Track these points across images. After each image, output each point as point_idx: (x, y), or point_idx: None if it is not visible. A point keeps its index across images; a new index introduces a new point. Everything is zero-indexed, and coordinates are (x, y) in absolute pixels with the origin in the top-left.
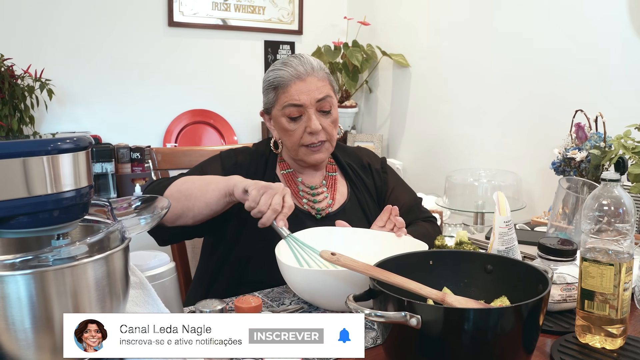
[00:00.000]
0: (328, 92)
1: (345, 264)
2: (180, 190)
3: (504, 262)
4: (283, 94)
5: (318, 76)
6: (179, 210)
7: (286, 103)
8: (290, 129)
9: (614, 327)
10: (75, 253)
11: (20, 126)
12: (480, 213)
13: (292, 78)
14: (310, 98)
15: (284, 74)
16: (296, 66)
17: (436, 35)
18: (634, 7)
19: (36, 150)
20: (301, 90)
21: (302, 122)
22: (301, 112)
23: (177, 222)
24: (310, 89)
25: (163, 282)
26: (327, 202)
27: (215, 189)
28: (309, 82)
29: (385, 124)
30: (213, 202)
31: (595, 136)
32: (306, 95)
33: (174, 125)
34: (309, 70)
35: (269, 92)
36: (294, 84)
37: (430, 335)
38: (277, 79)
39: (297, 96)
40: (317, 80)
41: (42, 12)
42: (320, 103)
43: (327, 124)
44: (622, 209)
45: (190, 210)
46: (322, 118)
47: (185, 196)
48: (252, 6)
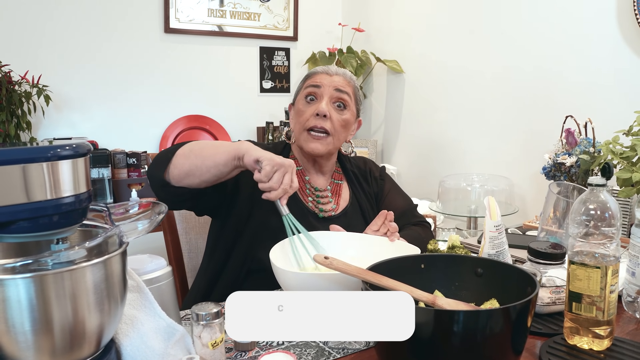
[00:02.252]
0: (348, 90)
1: (338, 268)
2: (192, 149)
3: (494, 265)
4: (309, 79)
5: (345, 77)
6: (187, 167)
7: (308, 84)
8: (302, 109)
9: (601, 329)
10: (74, 257)
11: (18, 132)
12: (473, 217)
13: (322, 71)
14: (330, 84)
15: (318, 69)
16: (330, 67)
17: (430, 42)
18: (622, 15)
19: (36, 156)
20: (324, 78)
21: (315, 104)
22: (317, 94)
23: (184, 181)
24: (333, 80)
25: (160, 286)
26: (331, 206)
27: (226, 151)
28: (334, 77)
29: (380, 129)
30: (221, 163)
31: (585, 142)
32: (327, 81)
33: (170, 131)
34: (340, 72)
35: (300, 83)
36: (321, 75)
37: (421, 337)
38: (310, 72)
39: (319, 80)
40: (343, 79)
41: (39, 18)
42: (338, 94)
43: (337, 119)
44: (608, 213)
45: (198, 168)
46: (333, 110)
47: (195, 154)
48: (247, 13)
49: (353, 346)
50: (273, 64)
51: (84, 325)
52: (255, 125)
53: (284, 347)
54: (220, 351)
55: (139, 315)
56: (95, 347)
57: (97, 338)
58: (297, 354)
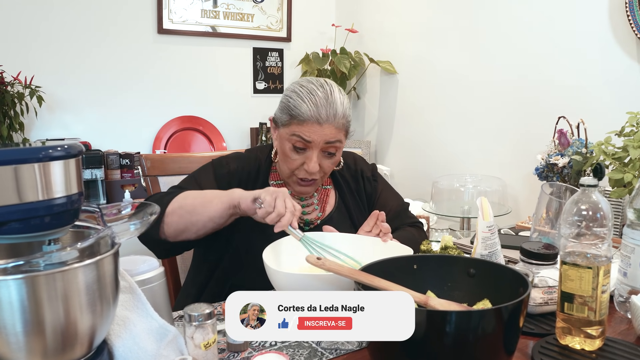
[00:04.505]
0: (340, 138)
1: (331, 269)
2: (182, 206)
3: (486, 266)
4: (296, 125)
5: (337, 125)
6: (183, 225)
7: (296, 133)
8: (290, 157)
9: (593, 329)
10: (66, 258)
11: (10, 133)
12: (466, 218)
13: (311, 118)
14: (321, 140)
15: (305, 111)
16: (320, 107)
17: (423, 43)
18: (615, 16)
19: (28, 157)
20: (314, 131)
21: (303, 155)
22: (307, 146)
23: (180, 237)
24: (324, 133)
25: (152, 287)
26: (317, 214)
27: (219, 202)
28: (325, 128)
29: (373, 130)
30: (217, 216)
31: (577, 142)
32: (317, 136)
33: (164, 132)
34: (331, 118)
35: (284, 113)
36: (310, 124)
37: (414, 338)
38: (297, 110)
39: (308, 134)
40: (334, 129)
41: (32, 19)
42: (328, 145)
43: (327, 165)
44: (600, 213)
45: (194, 225)
46: (323, 159)
47: (188, 212)
48: (241, 14)
49: (346, 347)
50: (266, 64)
51: (76, 326)
52: (249, 126)
53: (277, 348)
54: (212, 352)
55: (131, 316)
56: (87, 348)
57: (89, 339)
58: (289, 354)
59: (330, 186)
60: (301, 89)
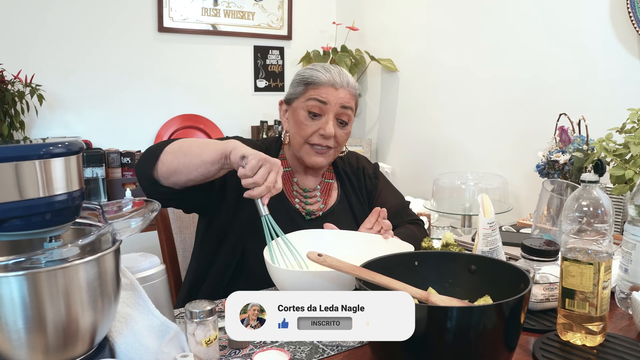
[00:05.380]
0: (352, 105)
1: (332, 265)
2: (180, 147)
3: (487, 262)
4: (313, 89)
5: (350, 91)
6: (175, 165)
7: (313, 96)
8: (305, 123)
9: (594, 325)
10: (67, 255)
11: (11, 131)
12: (467, 215)
13: (327, 82)
14: (336, 101)
15: (321, 77)
16: (334, 75)
17: (424, 41)
18: (616, 13)
19: (28, 154)
20: (330, 93)
21: (318, 121)
22: (322, 111)
23: (171, 178)
24: (339, 96)
25: (154, 284)
26: (319, 206)
27: (214, 148)
28: (340, 92)
29: (374, 128)
30: (209, 161)
31: (578, 139)
32: (333, 97)
33: (164, 130)
34: (345, 83)
35: (299, 86)
36: (326, 87)
37: (415, 334)
38: (312, 77)
39: (325, 95)
40: (348, 93)
41: (32, 17)
42: (342, 111)
43: (340, 134)
44: (601, 209)
45: (186, 166)
46: (337, 127)
47: (183, 152)
48: (241, 12)
49: (347, 343)
50: (267, 63)
51: (77, 323)
52: (250, 124)
53: (278, 345)
54: (214, 349)
55: (132, 313)
56: (88, 345)
57: (90, 336)
58: (291, 351)
59: (333, 180)
60: (314, 65)
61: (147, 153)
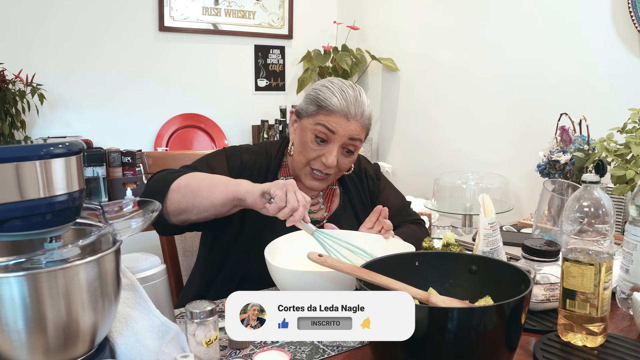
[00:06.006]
0: (361, 137)
1: (332, 265)
2: (188, 185)
3: (488, 262)
4: (324, 115)
5: (362, 123)
6: (184, 205)
7: (322, 122)
8: (310, 146)
9: (595, 326)
10: (67, 255)
11: (12, 131)
12: (468, 215)
13: (340, 111)
14: (345, 133)
15: (336, 103)
16: (350, 104)
17: (425, 40)
18: (617, 13)
19: (29, 155)
20: (340, 124)
21: (324, 148)
22: (329, 138)
23: (181, 217)
24: (349, 128)
25: (154, 284)
26: (323, 213)
27: (224, 191)
28: (352, 124)
29: (375, 127)
30: (219, 204)
31: (579, 139)
32: (342, 129)
33: (165, 130)
34: (358, 115)
35: (312, 104)
36: (337, 117)
37: (416, 334)
38: (327, 102)
39: (334, 125)
40: (359, 126)
41: (33, 17)
42: (350, 142)
43: (343, 163)
44: (602, 210)
45: (196, 207)
46: (342, 156)
47: (192, 192)
48: (242, 11)
49: (348, 344)
50: (268, 62)
51: (78, 323)
52: (250, 123)
53: (279, 345)
54: (214, 349)
55: (133, 314)
56: (89, 345)
57: (91, 336)
58: (291, 351)
59: (336, 186)
60: (332, 85)
61: (152, 188)
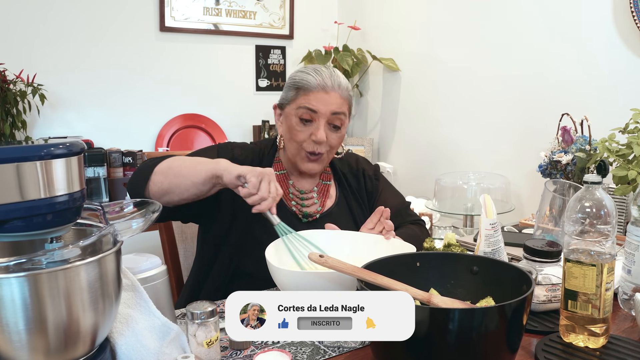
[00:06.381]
0: (344, 110)
1: (333, 266)
2: (170, 167)
3: (490, 263)
4: (303, 96)
5: (341, 94)
6: (167, 186)
7: (302, 105)
8: (297, 129)
9: (597, 327)
10: (68, 256)
11: (13, 131)
12: (469, 215)
13: (317, 86)
14: (327, 109)
15: (311, 80)
16: (325, 78)
17: (426, 40)
18: (619, 13)
19: (29, 155)
20: (320, 99)
21: (310, 127)
22: (313, 117)
23: (164, 198)
24: (330, 102)
25: (155, 285)
26: (316, 208)
27: (203, 169)
28: (331, 96)
29: (376, 127)
30: (199, 182)
31: (581, 139)
32: (324, 105)
33: (166, 130)
34: (335, 86)
35: (290, 90)
36: (316, 92)
37: (417, 335)
38: (303, 82)
39: (315, 102)
40: (339, 97)
41: (34, 17)
42: (334, 116)
43: (333, 139)
44: (604, 210)
45: (177, 187)
46: (330, 132)
47: (174, 173)
48: (243, 11)
49: (349, 344)
50: (269, 62)
51: (79, 324)
52: (251, 124)
53: (279, 346)
54: (215, 350)
55: (133, 314)
56: (89, 346)
57: (91, 337)
58: (292, 352)
59: (331, 182)
60: (305, 68)
61: (137, 172)
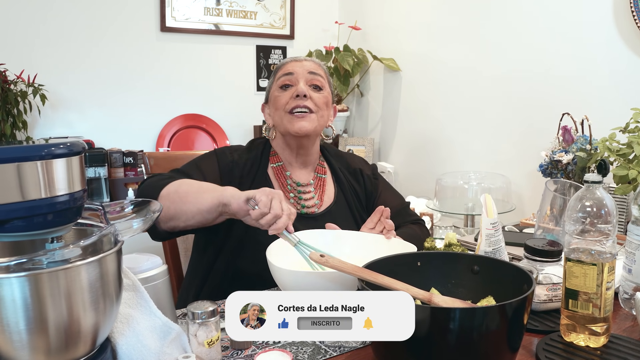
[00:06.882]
0: (321, 73)
1: (334, 266)
2: (177, 191)
3: (490, 263)
4: (279, 71)
5: (314, 61)
6: (173, 212)
7: (280, 75)
8: (279, 96)
9: (598, 326)
10: (68, 256)
11: (13, 131)
12: (470, 215)
13: (290, 59)
14: (302, 70)
15: (286, 59)
16: (298, 56)
17: (426, 40)
18: (619, 13)
19: (30, 155)
20: (294, 65)
21: (291, 89)
22: (292, 81)
23: (169, 223)
24: (304, 65)
25: (155, 285)
26: (314, 202)
27: (209, 197)
28: (305, 62)
29: (377, 127)
30: (205, 210)
31: (582, 139)
32: (299, 67)
33: (167, 130)
34: (308, 58)
35: (271, 78)
36: (290, 62)
37: (418, 335)
38: (279, 64)
39: (290, 68)
40: (312, 62)
41: (34, 17)
42: (312, 77)
43: (316, 97)
44: (604, 210)
45: (184, 213)
46: (311, 91)
47: (180, 198)
48: (244, 11)
49: (349, 344)
50: (270, 62)
51: (79, 324)
52: (252, 124)
53: (280, 345)
54: (216, 350)
55: (134, 314)
56: (90, 346)
57: (92, 337)
58: (293, 352)
59: (326, 175)
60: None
61: (143, 194)
